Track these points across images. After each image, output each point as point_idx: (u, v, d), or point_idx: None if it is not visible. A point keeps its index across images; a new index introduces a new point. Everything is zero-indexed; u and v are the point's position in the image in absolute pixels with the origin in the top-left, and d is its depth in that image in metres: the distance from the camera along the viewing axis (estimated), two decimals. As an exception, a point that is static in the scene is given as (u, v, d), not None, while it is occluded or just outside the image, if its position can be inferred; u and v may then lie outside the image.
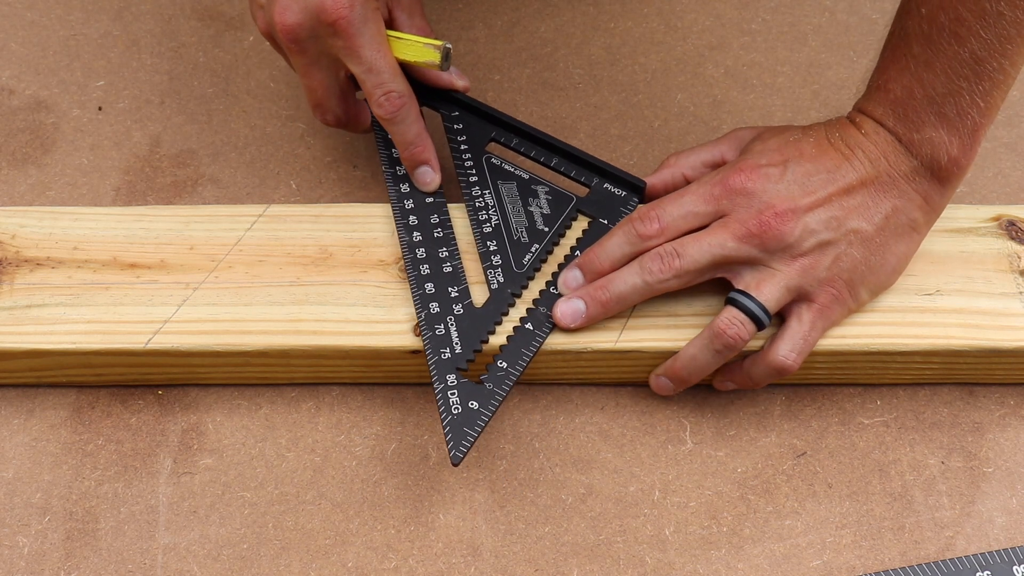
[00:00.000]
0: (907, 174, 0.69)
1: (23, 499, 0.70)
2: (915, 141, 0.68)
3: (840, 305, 0.70)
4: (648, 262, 0.70)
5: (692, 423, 0.74)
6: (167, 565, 0.67)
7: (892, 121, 0.69)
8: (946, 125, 0.67)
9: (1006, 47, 0.65)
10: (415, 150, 0.76)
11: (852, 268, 0.69)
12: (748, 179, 0.69)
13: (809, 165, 0.69)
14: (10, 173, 0.84)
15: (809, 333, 0.70)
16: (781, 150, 0.71)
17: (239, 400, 0.74)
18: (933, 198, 0.70)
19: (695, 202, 0.70)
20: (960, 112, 0.67)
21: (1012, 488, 0.71)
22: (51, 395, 0.74)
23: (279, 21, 0.71)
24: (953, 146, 0.68)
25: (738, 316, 0.69)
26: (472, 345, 0.70)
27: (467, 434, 0.67)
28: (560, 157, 0.78)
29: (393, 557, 0.68)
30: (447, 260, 0.74)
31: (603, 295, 0.71)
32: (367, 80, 0.73)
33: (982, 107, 0.67)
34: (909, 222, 0.70)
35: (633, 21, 0.95)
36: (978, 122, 0.67)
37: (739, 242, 0.68)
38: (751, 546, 0.69)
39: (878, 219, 0.69)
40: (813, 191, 0.69)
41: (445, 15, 0.95)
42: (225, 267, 0.74)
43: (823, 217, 0.69)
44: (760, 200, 0.69)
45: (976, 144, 0.68)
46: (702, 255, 0.69)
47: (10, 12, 0.94)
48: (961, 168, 0.69)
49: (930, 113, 0.67)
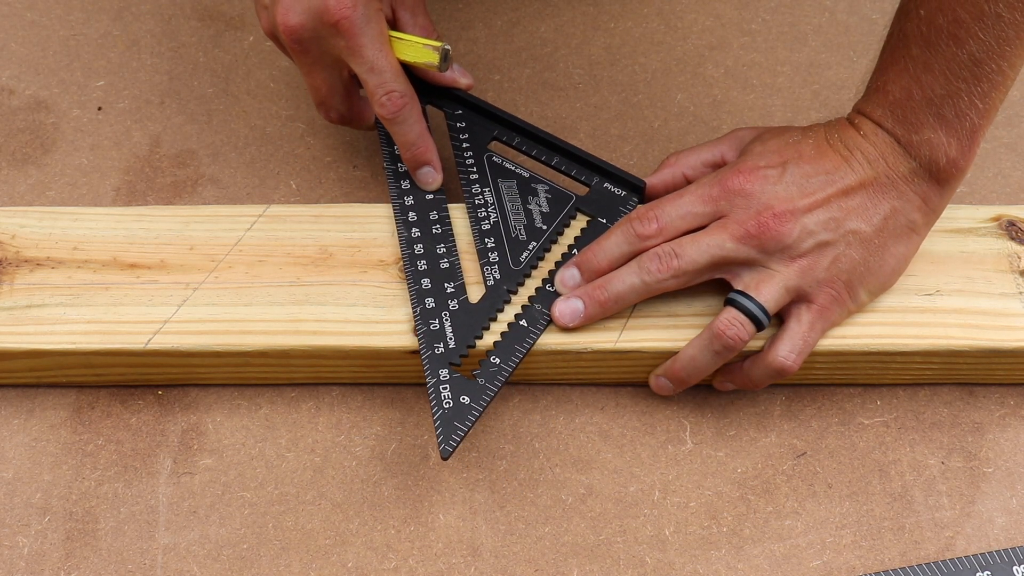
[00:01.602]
0: (906, 175, 0.69)
1: (23, 499, 0.70)
2: (914, 143, 0.68)
3: (839, 306, 0.70)
4: (647, 262, 0.70)
5: (692, 423, 0.74)
6: (167, 565, 0.67)
7: (891, 122, 0.69)
8: (945, 127, 0.67)
9: (1004, 49, 0.65)
10: (417, 151, 0.76)
11: (851, 269, 0.69)
12: (747, 180, 0.69)
13: (808, 167, 0.69)
14: (10, 173, 0.84)
15: (808, 334, 0.70)
16: (780, 152, 0.71)
17: (239, 400, 0.74)
18: (932, 199, 0.70)
19: (694, 203, 0.70)
20: (959, 114, 0.67)
21: (1012, 488, 0.71)
22: (51, 395, 0.74)
23: (282, 22, 0.71)
24: (952, 147, 0.68)
25: (738, 317, 0.69)
26: (466, 340, 0.70)
27: (457, 428, 0.67)
28: (561, 156, 0.78)
29: (393, 557, 0.68)
30: (444, 256, 0.74)
31: (601, 295, 0.71)
32: (369, 80, 0.73)
33: (981, 108, 0.67)
34: (908, 223, 0.70)
35: (633, 21, 0.95)
36: (977, 123, 0.67)
37: (737, 243, 0.68)
38: (751, 546, 0.69)
39: (877, 220, 0.69)
40: (812, 192, 0.69)
41: (445, 15, 0.95)
42: (225, 267, 0.74)
43: (821, 218, 0.69)
44: (758, 201, 0.69)
45: (975, 145, 0.68)
46: (700, 255, 0.69)
47: (10, 12, 0.94)
48: (960, 169, 0.69)
49: (928, 115, 0.67)
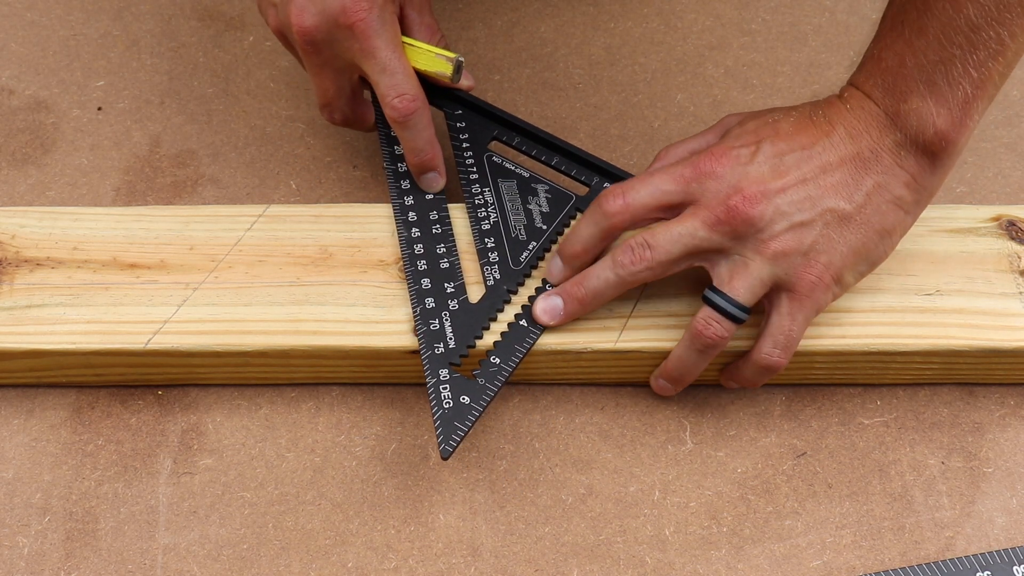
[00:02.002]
0: (892, 148, 0.67)
1: (23, 499, 0.70)
2: (901, 112, 0.66)
3: (822, 291, 0.68)
4: (619, 255, 0.69)
5: (692, 423, 0.74)
6: (167, 565, 0.67)
7: (880, 92, 0.67)
8: (935, 95, 0.65)
9: (1004, 16, 0.62)
10: (425, 157, 0.75)
11: (831, 250, 0.67)
12: (718, 162, 0.67)
13: (783, 144, 0.67)
14: (10, 173, 0.84)
15: (791, 326, 0.68)
16: (757, 131, 0.69)
17: (239, 400, 0.74)
18: (922, 176, 0.67)
19: (664, 181, 0.69)
20: (951, 82, 0.64)
21: (1012, 488, 0.71)
22: (51, 395, 0.74)
23: (296, 23, 0.71)
24: (941, 118, 0.65)
25: (713, 315, 0.67)
26: (466, 340, 0.70)
27: (457, 428, 0.67)
28: (561, 156, 0.78)
29: (393, 557, 0.68)
30: (444, 256, 0.74)
31: (579, 291, 0.70)
32: (381, 81, 0.72)
33: (975, 78, 0.64)
34: (894, 200, 0.67)
35: (633, 21, 0.95)
36: (970, 94, 0.65)
37: (709, 230, 0.67)
38: (751, 546, 0.69)
39: (859, 198, 0.67)
40: (785, 171, 0.67)
41: (445, 15, 0.95)
42: (225, 267, 0.74)
43: (796, 197, 0.66)
44: (728, 184, 0.67)
45: (967, 119, 0.65)
46: (673, 246, 0.67)
47: (10, 12, 0.94)
48: (951, 143, 0.66)
49: (919, 82, 0.65)
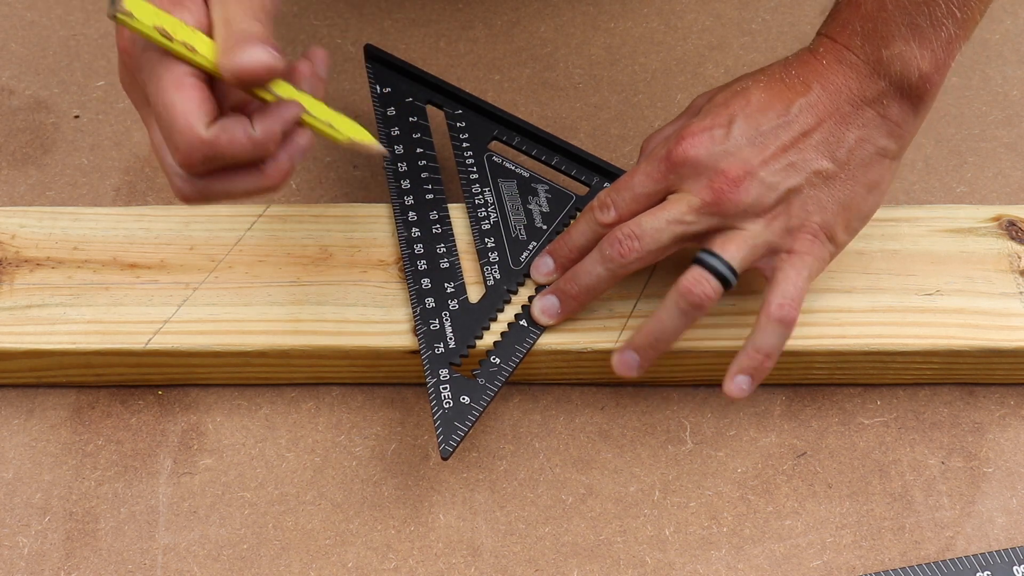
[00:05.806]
0: (873, 100, 0.65)
1: (23, 499, 0.70)
2: (883, 59, 0.65)
3: (819, 247, 0.67)
4: (607, 249, 0.68)
5: (692, 423, 0.74)
6: (167, 565, 0.67)
7: (859, 40, 0.65)
8: (918, 37, 0.64)
9: None
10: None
11: (821, 210, 0.66)
12: (691, 146, 0.66)
13: (759, 116, 0.66)
14: (10, 173, 0.84)
15: (796, 280, 0.66)
16: (728, 104, 0.67)
17: (239, 400, 0.74)
18: (905, 122, 0.66)
19: (644, 183, 0.68)
20: (934, 22, 0.63)
21: (1012, 488, 0.71)
22: (51, 395, 0.74)
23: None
24: (924, 60, 0.64)
25: (703, 274, 0.66)
26: (466, 340, 0.70)
27: (457, 428, 0.67)
28: (561, 156, 0.78)
29: (393, 557, 0.68)
30: (444, 256, 0.74)
31: (572, 288, 0.70)
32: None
33: (959, 18, 0.63)
34: (878, 151, 0.66)
35: (633, 21, 0.95)
36: (953, 34, 0.63)
37: (697, 215, 0.66)
38: (751, 546, 0.69)
39: (841, 154, 0.66)
40: (765, 145, 0.65)
41: (445, 15, 0.95)
42: (225, 267, 0.74)
43: (780, 167, 0.65)
44: (709, 168, 0.66)
45: (949, 60, 0.64)
46: (661, 234, 0.67)
47: (10, 12, 0.94)
48: (933, 85, 0.65)
49: (902, 24, 0.64)
